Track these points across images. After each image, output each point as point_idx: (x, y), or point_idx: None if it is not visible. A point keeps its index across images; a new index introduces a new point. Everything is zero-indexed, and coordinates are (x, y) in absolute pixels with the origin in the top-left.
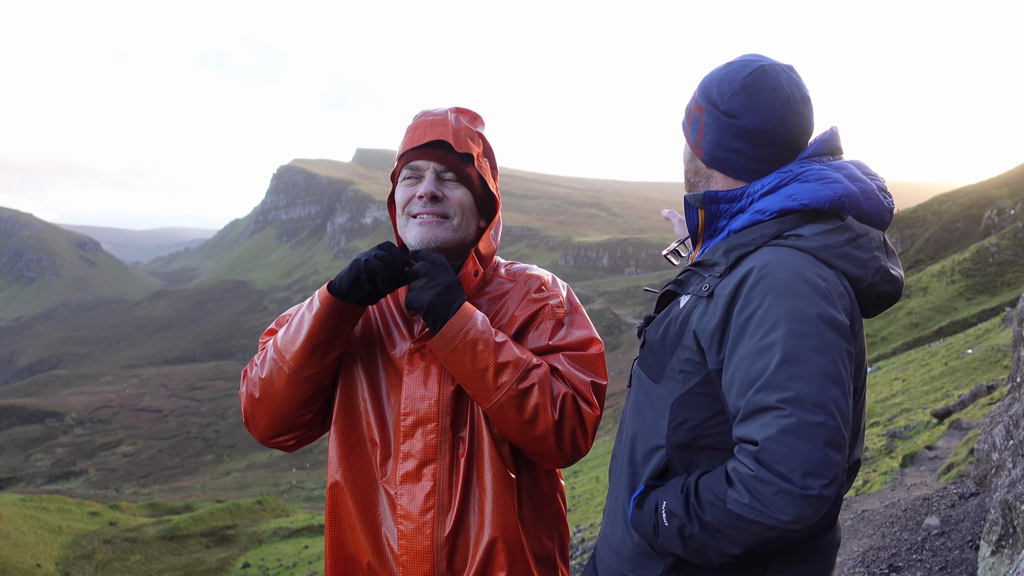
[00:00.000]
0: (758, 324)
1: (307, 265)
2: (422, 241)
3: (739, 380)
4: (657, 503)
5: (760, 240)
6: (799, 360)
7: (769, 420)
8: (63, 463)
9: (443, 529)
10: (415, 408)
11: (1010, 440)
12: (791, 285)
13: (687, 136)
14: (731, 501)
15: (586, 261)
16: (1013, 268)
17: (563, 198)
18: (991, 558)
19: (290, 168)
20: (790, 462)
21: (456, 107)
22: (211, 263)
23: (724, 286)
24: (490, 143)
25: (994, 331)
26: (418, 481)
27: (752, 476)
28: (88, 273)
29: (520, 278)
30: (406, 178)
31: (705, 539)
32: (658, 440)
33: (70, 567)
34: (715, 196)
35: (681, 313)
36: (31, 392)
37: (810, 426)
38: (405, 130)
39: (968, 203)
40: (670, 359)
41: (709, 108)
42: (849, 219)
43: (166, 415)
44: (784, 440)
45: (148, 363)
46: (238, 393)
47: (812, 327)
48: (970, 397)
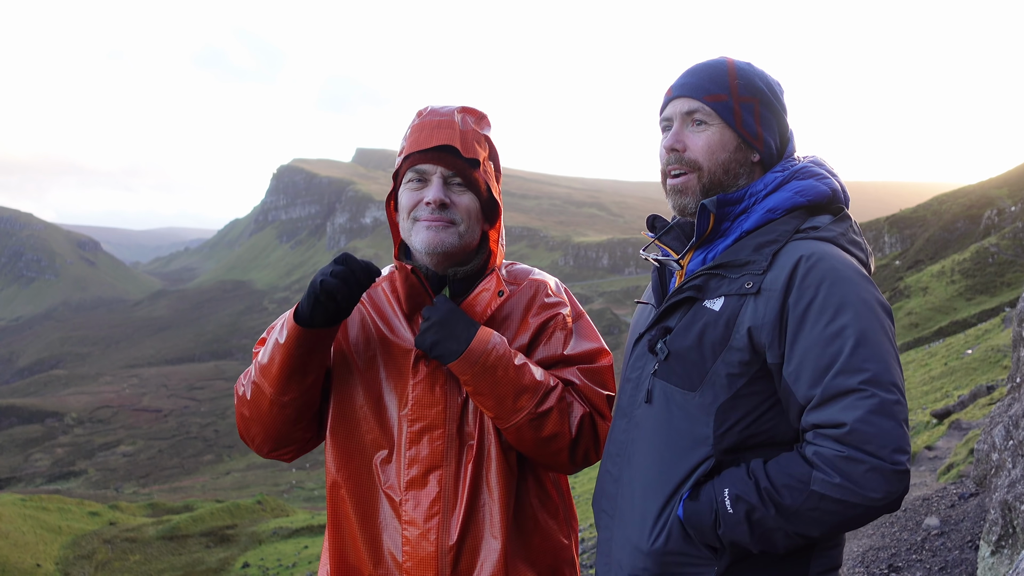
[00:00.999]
0: (819, 311)
1: (307, 265)
2: (429, 245)
3: (810, 368)
4: (714, 493)
5: (785, 235)
6: (871, 342)
7: (853, 402)
8: (63, 463)
9: (448, 536)
10: (422, 415)
11: (1010, 440)
12: (843, 272)
13: (739, 123)
14: (816, 482)
15: (586, 261)
16: (1013, 268)
17: (563, 198)
18: (991, 558)
19: (290, 168)
20: (880, 440)
21: (463, 107)
22: (211, 263)
23: (773, 280)
24: (495, 145)
25: (994, 331)
26: (424, 487)
27: (842, 457)
28: (88, 273)
29: (523, 281)
30: (411, 180)
31: (780, 523)
32: (702, 450)
33: (70, 567)
34: (726, 199)
35: (722, 316)
36: (31, 392)
37: (891, 404)
38: (409, 128)
39: (968, 203)
40: (713, 364)
41: (768, 100)
42: (846, 210)
43: (166, 415)
44: (872, 420)
45: (148, 363)
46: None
47: (872, 310)
48: (970, 397)
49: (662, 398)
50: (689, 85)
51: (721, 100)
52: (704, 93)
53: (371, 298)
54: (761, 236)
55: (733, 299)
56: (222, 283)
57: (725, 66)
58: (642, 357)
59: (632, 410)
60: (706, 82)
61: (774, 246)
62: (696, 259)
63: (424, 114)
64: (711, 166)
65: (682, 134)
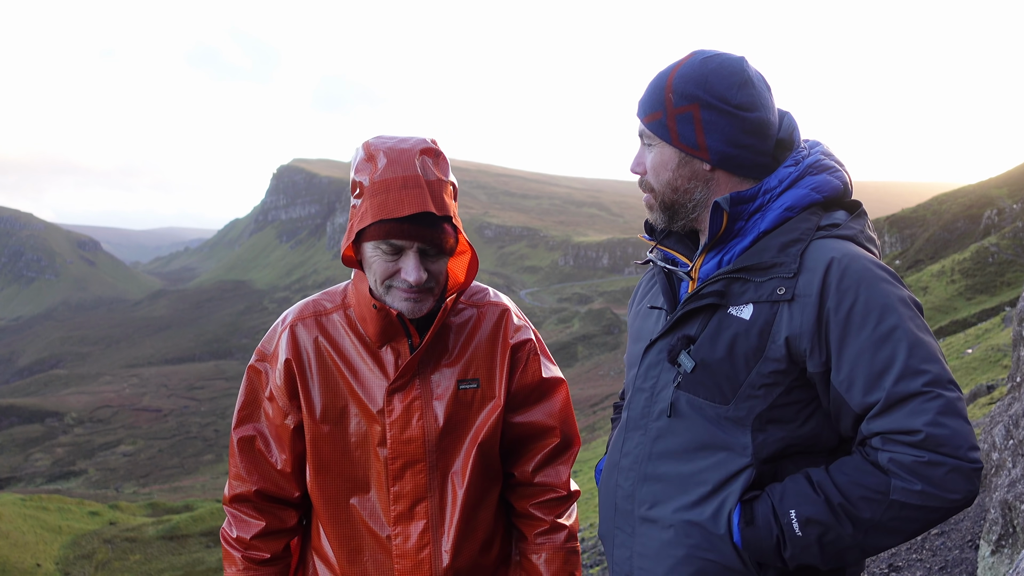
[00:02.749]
0: (864, 315)
1: (307, 265)
2: (410, 313)
3: (863, 374)
4: (773, 514)
5: (808, 233)
6: (922, 343)
7: (920, 405)
8: (63, 463)
9: (440, 562)
10: (402, 451)
11: (1010, 440)
12: (876, 273)
13: (676, 139)
14: (896, 491)
15: (586, 261)
16: (1013, 268)
17: (563, 198)
18: (991, 558)
19: (290, 168)
20: (955, 441)
21: (421, 148)
22: (211, 263)
23: (807, 285)
24: (454, 179)
25: (994, 331)
26: (411, 521)
27: (922, 462)
28: (88, 273)
29: (483, 306)
30: (381, 249)
31: (857, 539)
32: (740, 460)
33: (70, 567)
34: (740, 197)
35: (754, 325)
36: (31, 392)
37: (955, 402)
38: (368, 180)
39: (968, 203)
40: (747, 376)
41: (711, 104)
42: (861, 205)
43: (166, 415)
44: (943, 421)
45: (148, 363)
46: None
47: (911, 310)
48: (970, 397)
49: (689, 411)
50: (640, 104)
51: (656, 119)
52: (644, 113)
53: (330, 339)
54: (783, 235)
55: (764, 306)
56: (222, 283)
57: (667, 76)
58: (656, 366)
59: (648, 422)
60: (648, 100)
61: (799, 245)
62: (711, 262)
63: (382, 166)
64: (659, 187)
65: (641, 156)
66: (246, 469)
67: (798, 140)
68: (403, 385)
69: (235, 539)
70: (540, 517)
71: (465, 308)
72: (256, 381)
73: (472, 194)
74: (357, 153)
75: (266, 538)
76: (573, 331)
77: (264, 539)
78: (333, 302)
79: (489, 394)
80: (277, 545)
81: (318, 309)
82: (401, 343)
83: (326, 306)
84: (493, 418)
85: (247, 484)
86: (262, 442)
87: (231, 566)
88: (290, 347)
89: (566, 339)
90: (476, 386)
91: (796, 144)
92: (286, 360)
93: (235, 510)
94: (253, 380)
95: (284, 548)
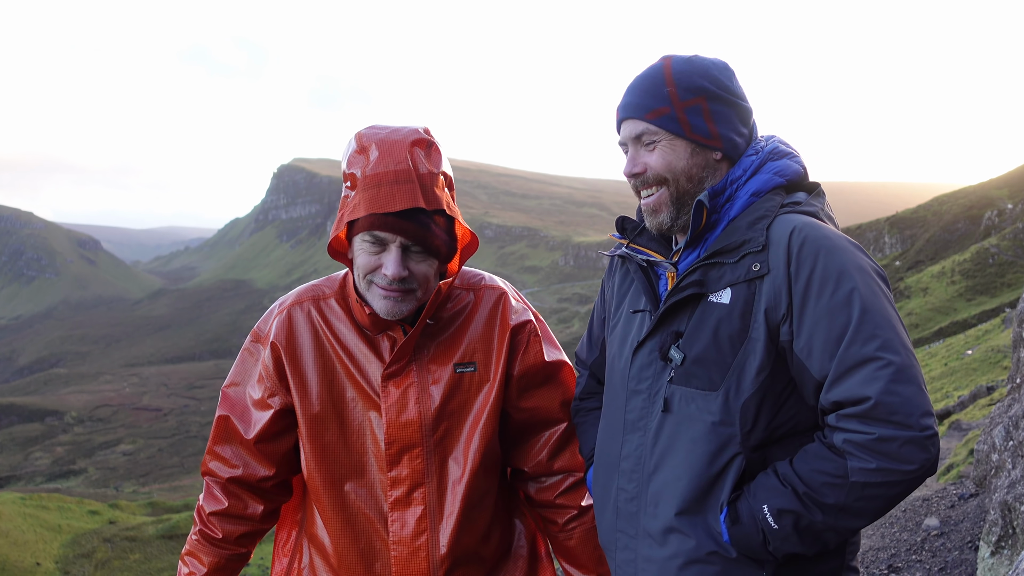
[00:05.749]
0: (822, 281)
1: (307, 264)
2: (388, 314)
3: (820, 340)
4: (753, 511)
5: (773, 210)
6: (876, 308)
7: (872, 372)
8: (63, 462)
9: (438, 550)
10: (399, 436)
11: (1010, 441)
12: (835, 242)
13: (689, 131)
14: (855, 472)
15: (586, 261)
16: (1013, 269)
17: (563, 198)
18: (991, 559)
19: (290, 167)
20: (907, 408)
21: (413, 139)
22: (211, 262)
23: (775, 257)
24: (447, 167)
25: (994, 332)
26: (409, 506)
27: (874, 438)
28: (88, 272)
29: (479, 290)
30: (366, 241)
31: (829, 523)
32: (730, 450)
33: (70, 566)
34: (714, 191)
35: (734, 308)
36: (31, 391)
37: (909, 368)
38: (360, 172)
39: (968, 203)
40: (733, 359)
41: (717, 94)
42: (820, 186)
43: (166, 414)
44: (895, 388)
45: (148, 362)
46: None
47: (870, 276)
48: (970, 398)
49: (682, 404)
50: (632, 105)
51: (664, 114)
52: (645, 112)
53: (327, 323)
54: (749, 215)
55: (742, 287)
56: (222, 282)
57: (662, 74)
58: (649, 366)
59: (647, 423)
60: (646, 99)
61: (765, 220)
62: (690, 257)
63: (374, 159)
64: (675, 177)
65: (638, 157)
66: (219, 446)
67: (756, 132)
68: (399, 370)
69: (198, 508)
70: (567, 505)
71: (462, 292)
72: (248, 360)
73: (472, 194)
74: (349, 145)
75: (222, 519)
76: (573, 331)
77: (220, 519)
78: (332, 288)
79: (486, 377)
80: (232, 530)
81: (316, 294)
82: (396, 330)
83: (325, 291)
84: (492, 402)
85: (218, 461)
86: (238, 418)
87: (192, 531)
88: (284, 330)
89: (566, 339)
90: (473, 370)
91: (755, 136)
92: (274, 343)
93: (207, 481)
94: (245, 359)
95: (238, 537)
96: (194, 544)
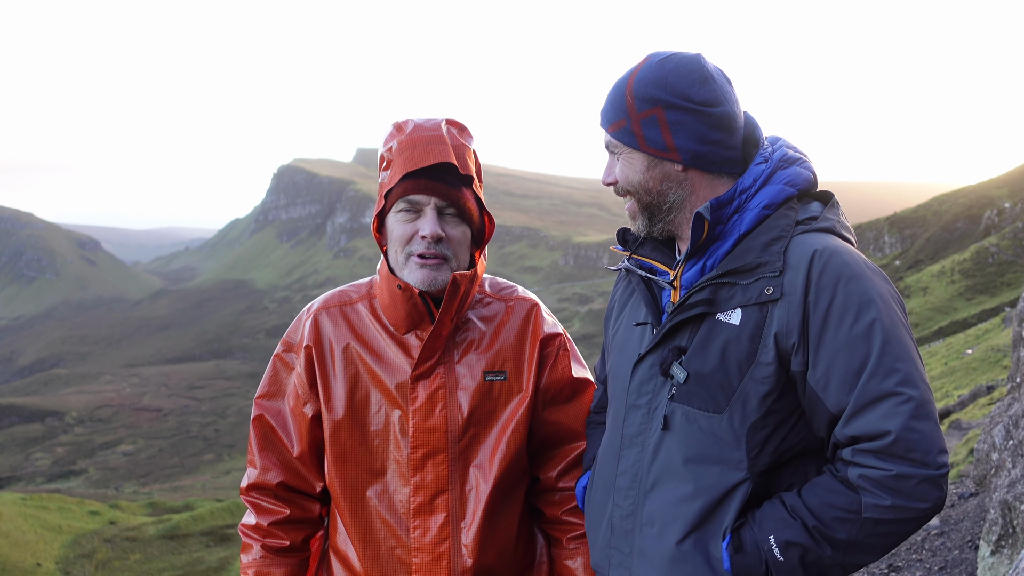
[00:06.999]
0: (842, 311)
1: (307, 264)
2: (425, 284)
3: (839, 373)
4: (758, 541)
5: (788, 229)
6: (896, 340)
7: (892, 408)
8: (63, 462)
9: (460, 558)
10: (424, 440)
11: (1010, 440)
12: (855, 269)
13: (643, 144)
14: (868, 508)
15: (586, 261)
16: (1013, 268)
17: (563, 198)
18: (990, 558)
19: (290, 168)
20: (925, 445)
21: (447, 119)
22: (211, 262)
23: (792, 282)
24: (477, 156)
25: (994, 331)
26: (431, 514)
27: (891, 476)
28: (88, 272)
29: (511, 300)
30: (402, 211)
31: (837, 559)
32: (735, 475)
33: (70, 566)
34: (719, 201)
35: (744, 330)
36: (31, 391)
37: (927, 404)
38: (396, 143)
39: (968, 203)
40: (740, 383)
41: (674, 104)
42: (833, 196)
43: (166, 414)
44: (915, 425)
45: (148, 362)
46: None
47: (889, 306)
48: (970, 397)
49: (684, 423)
50: (602, 115)
51: (621, 127)
52: (608, 123)
53: (353, 328)
54: (764, 234)
55: (754, 310)
56: (222, 282)
57: (626, 83)
58: (649, 381)
59: (645, 439)
60: (610, 110)
61: (781, 242)
62: (693, 268)
63: (409, 129)
64: (635, 190)
65: (612, 167)
66: (262, 456)
67: (761, 137)
68: (427, 372)
69: (253, 527)
70: (573, 522)
71: (493, 301)
72: (281, 369)
73: None
74: (386, 131)
75: (286, 526)
76: (573, 331)
77: (284, 527)
78: (359, 292)
79: (516, 387)
80: (297, 535)
81: (343, 299)
82: (425, 329)
83: (351, 296)
84: (521, 412)
85: (265, 472)
86: (280, 430)
87: (247, 554)
88: (312, 335)
89: None
90: (503, 378)
91: (760, 141)
92: (307, 347)
93: (253, 498)
94: (278, 369)
95: (304, 540)
96: (260, 563)
